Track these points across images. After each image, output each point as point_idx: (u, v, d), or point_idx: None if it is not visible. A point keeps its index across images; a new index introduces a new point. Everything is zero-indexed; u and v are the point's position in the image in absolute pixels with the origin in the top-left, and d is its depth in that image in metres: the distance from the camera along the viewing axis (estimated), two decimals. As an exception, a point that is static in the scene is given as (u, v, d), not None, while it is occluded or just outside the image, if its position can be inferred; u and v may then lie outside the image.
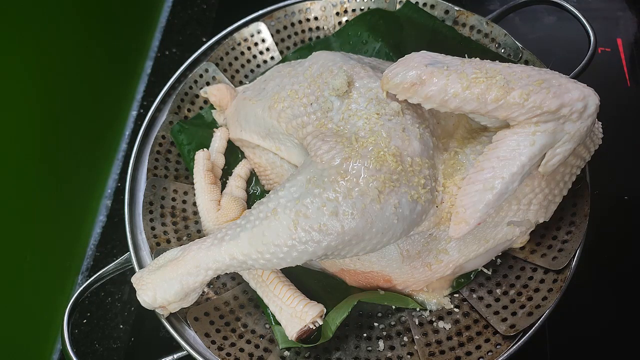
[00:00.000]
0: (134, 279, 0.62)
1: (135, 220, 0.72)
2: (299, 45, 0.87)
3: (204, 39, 1.07)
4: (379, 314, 0.67)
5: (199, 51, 0.84)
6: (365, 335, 0.65)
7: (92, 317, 0.84)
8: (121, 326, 0.83)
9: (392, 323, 0.66)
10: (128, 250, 0.70)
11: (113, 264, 0.69)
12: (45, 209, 0.81)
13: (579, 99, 0.55)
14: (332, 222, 0.56)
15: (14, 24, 0.73)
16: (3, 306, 0.73)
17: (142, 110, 1.02)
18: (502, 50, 0.77)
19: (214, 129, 0.79)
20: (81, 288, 0.67)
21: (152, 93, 1.03)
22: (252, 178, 0.77)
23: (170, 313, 0.63)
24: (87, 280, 0.68)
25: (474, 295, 0.66)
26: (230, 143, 0.79)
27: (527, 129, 0.56)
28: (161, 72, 1.06)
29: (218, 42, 0.84)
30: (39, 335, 0.80)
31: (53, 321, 0.81)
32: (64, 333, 0.64)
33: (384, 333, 0.65)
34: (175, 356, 0.64)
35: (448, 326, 0.64)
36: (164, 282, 0.60)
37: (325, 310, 0.63)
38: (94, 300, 0.85)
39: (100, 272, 0.69)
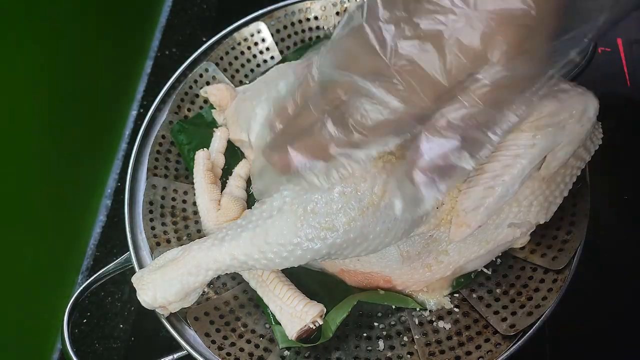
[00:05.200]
0: (134, 279, 0.62)
1: (135, 220, 0.72)
2: (299, 45, 0.87)
3: (204, 39, 1.06)
4: (379, 314, 0.67)
5: (199, 51, 0.84)
6: (365, 334, 0.65)
7: (92, 317, 0.84)
8: (121, 326, 0.83)
9: (392, 323, 0.66)
10: (128, 250, 0.69)
11: (113, 263, 0.69)
12: (45, 208, 0.81)
13: (578, 103, 0.55)
14: (339, 219, 0.56)
15: (12, 23, 0.73)
16: (3, 306, 0.73)
17: (142, 110, 1.02)
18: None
19: (214, 129, 0.79)
20: (81, 288, 0.67)
21: (152, 93, 1.03)
22: (252, 178, 0.77)
23: (170, 313, 0.63)
24: (87, 280, 0.67)
25: (474, 295, 0.66)
26: (230, 143, 0.79)
27: (527, 132, 0.56)
28: (161, 72, 1.05)
29: (218, 42, 0.84)
30: (39, 335, 0.80)
31: (53, 321, 0.81)
32: (64, 333, 0.63)
33: (384, 333, 0.65)
34: (175, 356, 0.64)
35: (448, 326, 0.64)
36: (164, 282, 0.60)
37: (325, 310, 0.63)
38: (94, 300, 0.85)
39: (100, 271, 0.68)
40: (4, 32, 0.71)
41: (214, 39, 0.84)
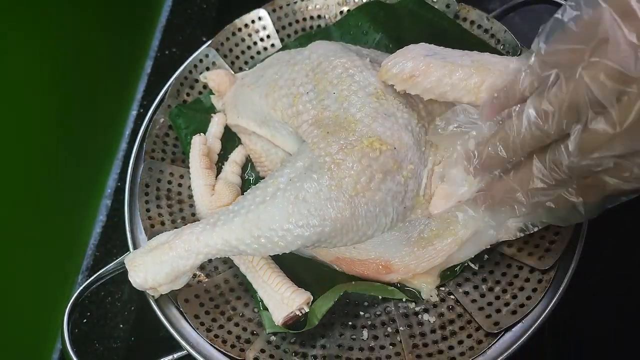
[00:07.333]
0: (126, 260, 0.62)
1: (135, 220, 0.72)
2: (300, 33, 0.87)
3: (204, 39, 1.07)
4: (366, 303, 0.67)
5: (199, 51, 0.84)
6: (350, 323, 0.65)
7: (92, 317, 0.84)
8: (121, 326, 0.83)
9: (378, 313, 0.66)
10: (128, 250, 0.70)
11: (113, 263, 0.69)
12: (45, 208, 0.82)
13: None
14: (328, 208, 0.57)
15: (13, 23, 0.74)
16: (3, 306, 0.73)
17: (142, 110, 1.03)
18: (501, 47, 0.77)
19: (212, 114, 0.80)
20: (81, 288, 0.66)
21: (152, 93, 1.03)
22: (248, 164, 0.78)
23: (161, 295, 0.64)
24: (87, 279, 0.67)
25: (460, 290, 0.66)
26: (227, 129, 0.79)
27: None
28: (161, 72, 1.06)
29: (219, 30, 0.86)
30: (39, 335, 0.80)
31: (53, 321, 0.81)
32: (64, 333, 0.63)
33: (369, 322, 0.65)
34: (175, 356, 0.64)
35: (432, 319, 0.64)
36: (155, 264, 0.60)
37: (312, 298, 0.63)
38: (94, 299, 0.85)
39: (100, 271, 0.68)
40: (4, 32, 0.73)
41: (214, 39, 0.85)
